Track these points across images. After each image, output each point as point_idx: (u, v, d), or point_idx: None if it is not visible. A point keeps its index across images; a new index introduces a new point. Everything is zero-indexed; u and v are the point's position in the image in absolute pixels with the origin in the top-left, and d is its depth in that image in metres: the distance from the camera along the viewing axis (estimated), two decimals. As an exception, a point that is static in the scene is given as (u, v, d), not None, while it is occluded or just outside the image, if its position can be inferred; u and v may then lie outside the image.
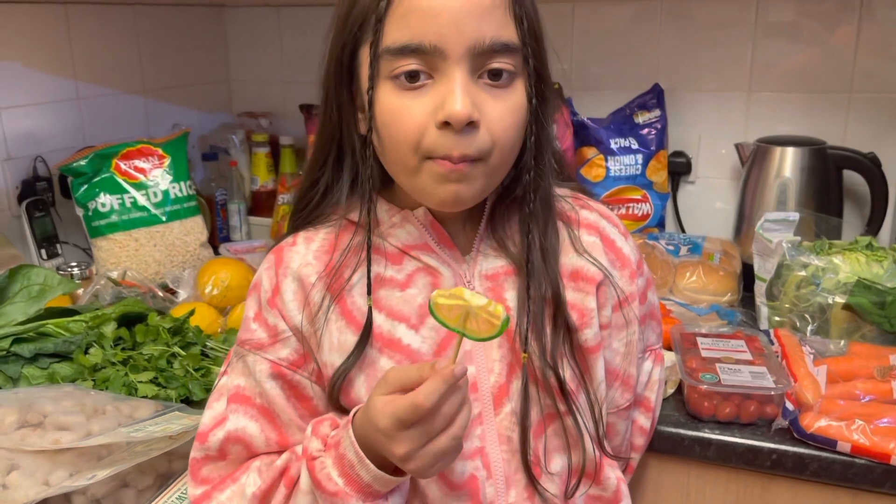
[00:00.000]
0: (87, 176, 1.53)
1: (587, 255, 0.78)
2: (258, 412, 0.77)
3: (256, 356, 0.77)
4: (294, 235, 0.80)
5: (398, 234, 0.77)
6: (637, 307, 0.81)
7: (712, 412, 1.07)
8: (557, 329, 0.75)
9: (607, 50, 1.71)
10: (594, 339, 0.78)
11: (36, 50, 1.55)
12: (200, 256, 1.64)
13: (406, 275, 0.76)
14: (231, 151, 1.93)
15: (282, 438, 0.77)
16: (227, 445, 0.77)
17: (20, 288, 1.16)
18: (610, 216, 0.84)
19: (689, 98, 1.67)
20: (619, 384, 0.83)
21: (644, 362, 0.87)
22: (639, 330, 0.82)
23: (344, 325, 0.75)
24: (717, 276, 1.38)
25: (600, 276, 0.78)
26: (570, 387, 0.75)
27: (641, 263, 0.85)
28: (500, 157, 0.69)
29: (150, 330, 1.16)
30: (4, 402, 0.92)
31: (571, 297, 0.77)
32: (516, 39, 0.67)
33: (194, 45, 1.98)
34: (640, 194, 1.65)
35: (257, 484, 0.74)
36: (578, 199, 0.84)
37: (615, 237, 0.82)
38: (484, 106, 0.67)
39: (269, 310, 0.77)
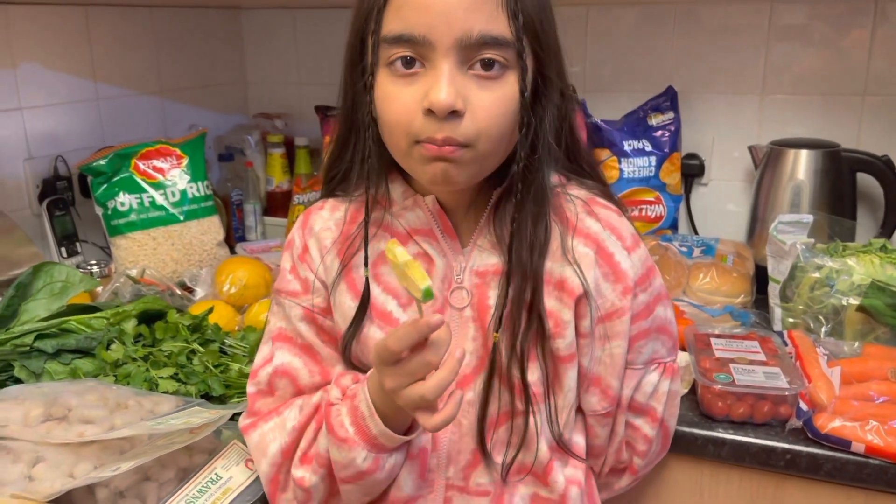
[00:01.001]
0: (106, 175, 1.55)
1: (576, 266, 0.79)
2: (300, 349, 0.85)
3: (292, 302, 0.86)
4: (324, 200, 0.89)
5: (408, 217, 0.83)
6: (626, 322, 0.81)
7: (726, 412, 1.08)
8: (530, 329, 0.78)
9: (621, 52, 1.72)
10: (567, 349, 0.80)
11: (56, 51, 1.57)
12: (217, 255, 1.65)
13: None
14: (247, 152, 1.95)
15: (323, 371, 0.85)
16: (274, 379, 0.85)
17: (43, 285, 1.18)
18: (616, 227, 0.83)
19: (702, 100, 1.68)
20: (598, 391, 0.84)
21: (648, 374, 0.87)
22: (626, 345, 0.82)
23: (345, 289, 0.83)
24: (730, 277, 1.38)
25: (581, 289, 0.79)
26: (535, 390, 0.79)
27: (646, 279, 0.84)
28: (488, 145, 0.71)
29: (170, 327, 1.18)
30: (30, 396, 0.93)
31: (550, 305, 0.79)
32: (508, 34, 0.69)
33: (211, 47, 2.00)
34: (654, 196, 1.66)
35: (297, 419, 0.81)
36: (592, 203, 0.84)
37: (615, 251, 0.81)
38: (471, 96, 0.70)
39: (301, 264, 0.86)
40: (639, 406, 0.88)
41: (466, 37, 0.68)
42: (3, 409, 0.90)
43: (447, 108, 0.68)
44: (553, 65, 0.74)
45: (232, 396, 1.10)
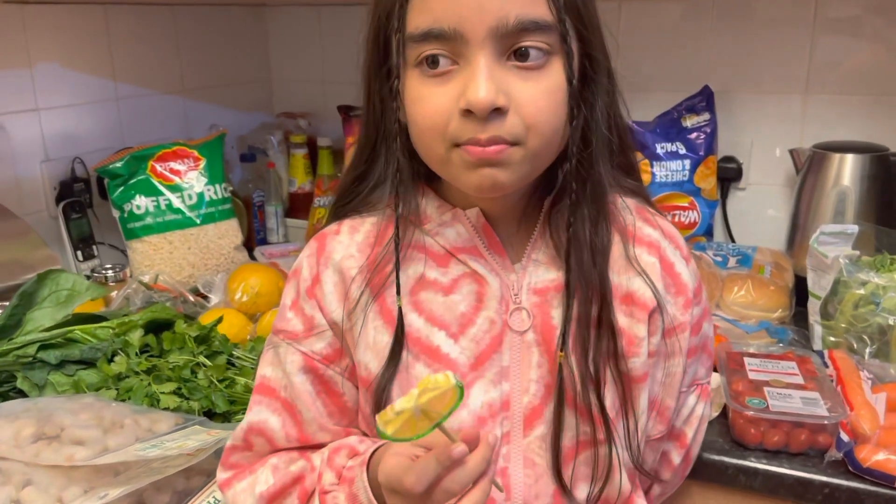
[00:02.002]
0: (122, 178, 1.52)
1: (645, 276, 0.72)
2: (281, 406, 0.75)
3: (289, 347, 0.75)
4: (339, 223, 0.77)
5: (447, 234, 0.73)
6: (686, 338, 0.75)
7: (759, 440, 1.01)
8: (601, 346, 0.70)
9: (655, 49, 1.63)
10: (641, 367, 0.72)
11: (75, 51, 1.55)
12: (234, 259, 1.62)
13: (451, 279, 0.73)
14: (269, 152, 1.91)
15: (302, 436, 0.75)
16: (249, 436, 0.76)
17: (49, 293, 1.16)
18: (674, 235, 0.77)
19: (741, 100, 1.59)
20: (656, 413, 0.77)
21: (688, 396, 0.80)
22: (685, 362, 0.75)
23: (381, 324, 0.72)
24: (767, 290, 1.30)
25: (654, 302, 0.71)
26: (611, 415, 0.71)
27: (700, 291, 0.78)
28: (540, 141, 0.63)
29: (177, 338, 1.15)
30: (24, 413, 0.91)
31: (621, 322, 0.71)
32: (549, 16, 0.62)
33: (234, 45, 1.96)
34: (687, 201, 1.58)
35: (268, 483, 0.73)
36: (642, 212, 0.77)
37: (675, 260, 0.75)
38: (513, 89, 0.62)
39: (307, 300, 0.75)
40: (672, 430, 0.80)
41: (503, 24, 0.60)
42: (-6, 428, 0.87)
43: (488, 107, 0.61)
44: (598, 44, 0.67)
45: (237, 413, 1.06)
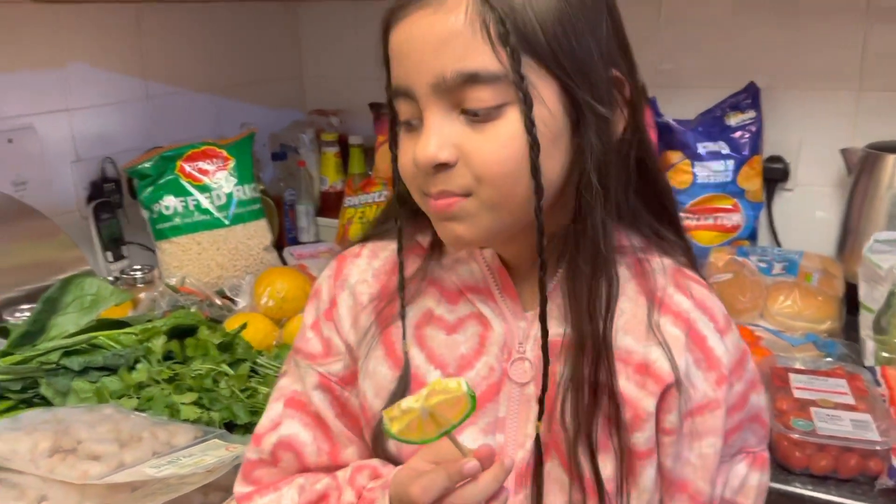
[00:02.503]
0: (151, 178, 1.51)
1: (665, 348, 0.66)
2: (312, 420, 0.74)
3: (308, 366, 0.74)
4: (362, 245, 0.76)
5: (460, 272, 0.71)
6: (720, 416, 0.67)
7: (805, 464, 0.95)
8: (597, 411, 0.65)
9: (697, 43, 1.56)
10: (646, 443, 0.66)
11: (106, 50, 1.54)
12: (263, 260, 1.60)
13: (457, 318, 0.70)
14: (300, 150, 1.89)
15: (333, 450, 0.74)
16: (278, 451, 0.74)
17: (73, 298, 1.15)
18: (710, 307, 0.69)
19: (788, 97, 1.51)
20: (686, 498, 0.69)
21: (736, 465, 0.73)
22: (719, 443, 0.68)
23: (382, 355, 0.71)
24: (814, 300, 1.23)
25: (671, 377, 0.65)
26: (608, 486, 0.66)
27: (741, 365, 0.70)
28: (494, 192, 0.60)
29: (200, 344, 1.13)
30: (42, 425, 0.89)
31: (629, 391, 0.65)
32: (494, 65, 0.57)
33: (266, 42, 1.94)
34: (731, 203, 1.51)
35: (294, 501, 0.70)
36: (681, 276, 0.70)
37: (708, 334, 0.67)
38: (464, 142, 0.59)
39: (326, 322, 0.74)
40: (724, 502, 0.73)
41: (440, 80, 0.58)
42: (11, 441, 0.86)
43: (428, 163, 0.59)
44: (588, 84, 0.59)
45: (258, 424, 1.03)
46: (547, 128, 0.59)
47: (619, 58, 0.62)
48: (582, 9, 0.59)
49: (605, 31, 0.61)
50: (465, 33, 0.57)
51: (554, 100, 0.59)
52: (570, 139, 0.61)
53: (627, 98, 0.63)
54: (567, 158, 0.61)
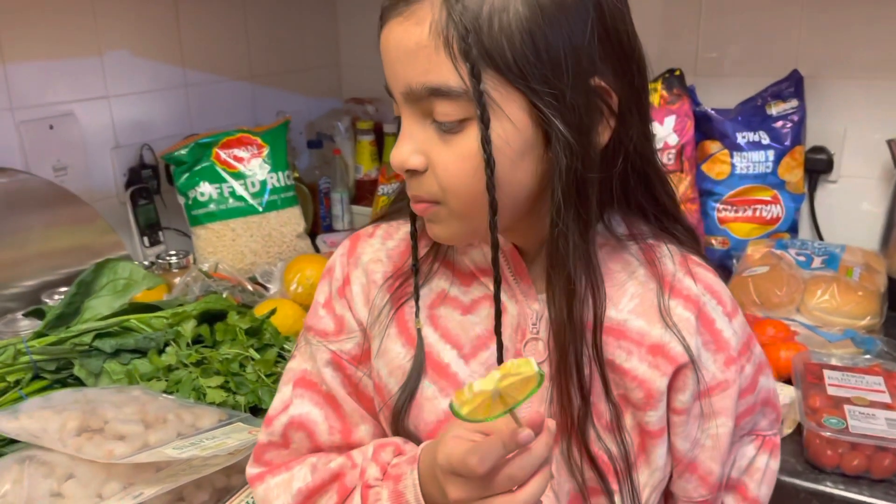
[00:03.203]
0: (187, 165, 1.53)
1: (675, 330, 0.66)
2: (323, 399, 0.74)
3: (319, 343, 0.74)
4: (376, 226, 0.76)
5: (473, 255, 0.71)
6: (731, 396, 0.68)
7: (837, 463, 0.92)
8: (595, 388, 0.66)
9: (738, 30, 1.52)
10: (658, 422, 0.67)
11: (145, 38, 1.56)
12: (296, 248, 1.61)
13: (471, 299, 0.70)
14: (336, 139, 1.90)
15: (345, 428, 0.73)
16: (289, 431, 0.74)
17: (107, 282, 1.17)
18: (717, 291, 0.70)
19: (833, 86, 1.46)
20: (696, 478, 0.70)
21: (744, 446, 0.74)
22: (732, 423, 0.69)
23: (395, 333, 0.71)
24: (854, 295, 1.19)
25: (684, 358, 0.66)
26: (619, 466, 0.67)
27: (748, 347, 0.71)
28: (460, 203, 0.60)
29: (229, 329, 1.14)
30: (72, 405, 0.91)
31: (642, 371, 0.66)
32: (454, 81, 0.56)
33: (304, 29, 1.95)
34: (770, 195, 1.47)
35: (306, 480, 0.70)
36: (689, 262, 0.70)
37: (716, 317, 0.69)
38: (433, 152, 0.60)
39: (339, 299, 0.74)
40: (730, 482, 0.74)
41: (409, 90, 0.58)
42: (42, 419, 0.88)
43: (399, 167, 0.61)
44: (557, 99, 0.56)
45: (283, 408, 1.04)
46: (510, 144, 0.58)
47: (606, 65, 0.59)
48: (558, 18, 0.55)
49: (587, 39, 0.57)
50: (430, 47, 0.56)
51: (520, 114, 0.57)
52: (543, 151, 0.59)
53: (614, 108, 0.60)
54: (541, 168, 0.60)
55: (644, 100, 0.63)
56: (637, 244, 0.69)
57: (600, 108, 0.59)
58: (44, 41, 1.39)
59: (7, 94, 1.34)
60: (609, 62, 0.59)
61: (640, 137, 0.63)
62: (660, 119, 1.47)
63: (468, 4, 0.55)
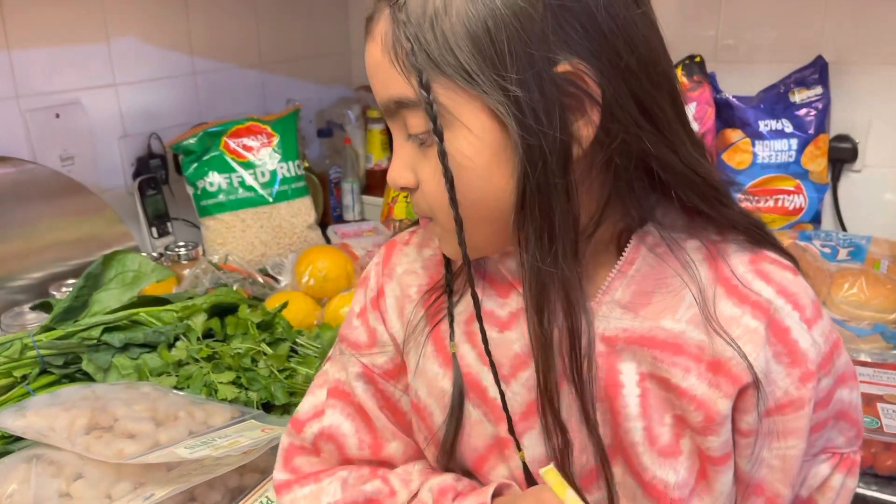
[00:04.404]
0: (196, 154, 1.50)
1: (738, 343, 0.58)
2: (355, 411, 0.71)
3: (352, 355, 0.72)
4: (412, 231, 0.73)
5: (509, 265, 0.65)
6: (806, 416, 0.60)
7: (870, 463, 0.89)
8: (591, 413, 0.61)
9: (761, 15, 1.48)
10: (721, 448, 0.59)
11: (153, 24, 1.53)
12: (307, 239, 1.59)
13: (509, 313, 0.65)
14: (346, 127, 1.86)
15: (376, 443, 0.71)
16: (319, 441, 0.72)
17: (115, 274, 1.14)
18: (793, 293, 0.60)
19: (859, 72, 1.42)
20: (762, 500, 0.63)
21: (818, 465, 0.66)
22: (803, 444, 0.61)
23: (431, 352, 0.67)
24: (883, 288, 1.16)
25: (750, 376, 0.58)
26: (676, 494, 0.60)
27: (830, 359, 0.61)
28: (447, 218, 0.57)
29: (241, 323, 1.11)
30: (81, 402, 0.89)
31: (702, 393, 0.59)
32: (409, 92, 0.54)
33: (314, 16, 1.92)
34: (793, 185, 1.43)
35: (336, 497, 0.68)
36: (760, 259, 0.62)
37: (792, 324, 0.59)
38: (419, 167, 0.59)
39: (372, 311, 0.71)
40: (800, 501, 0.67)
41: (382, 105, 0.58)
42: (50, 416, 0.85)
43: (394, 188, 0.61)
44: (511, 100, 0.52)
45: (296, 404, 1.01)
46: (473, 152, 0.54)
47: (577, 47, 0.51)
48: (501, 9, 0.51)
49: (540, 24, 0.50)
50: (385, 61, 0.55)
51: (481, 119, 0.53)
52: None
53: (595, 96, 0.52)
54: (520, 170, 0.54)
55: (645, 79, 0.53)
56: (699, 241, 0.61)
57: (574, 96, 0.53)
58: (49, 27, 1.36)
59: (12, 81, 1.32)
60: (580, 43, 0.52)
61: (636, 124, 0.54)
62: (679, 107, 1.43)
63: (411, 15, 0.53)
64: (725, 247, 0.62)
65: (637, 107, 0.54)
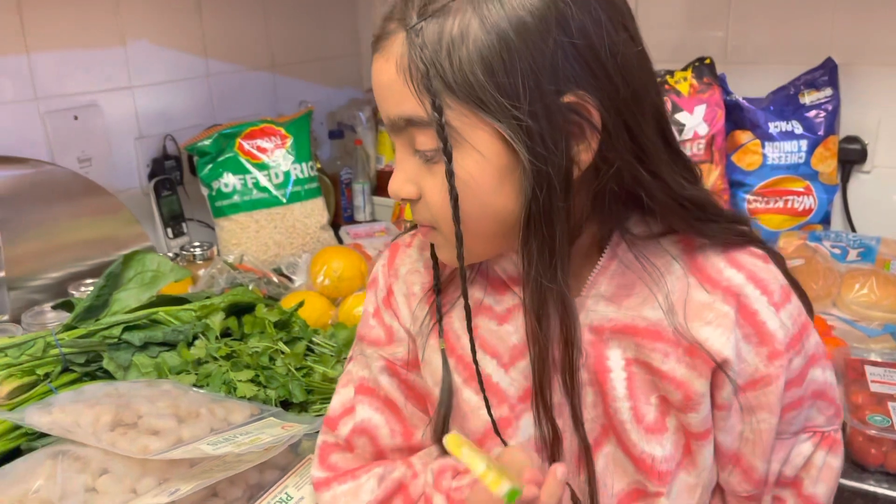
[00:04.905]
0: (210, 155, 1.52)
1: (711, 327, 0.64)
2: (382, 404, 0.76)
3: (374, 351, 0.76)
4: (413, 234, 0.77)
5: (504, 265, 0.70)
6: (776, 391, 0.65)
7: (881, 461, 0.90)
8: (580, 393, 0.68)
9: (771, 16, 1.49)
10: (701, 424, 0.66)
11: (167, 28, 1.55)
12: (320, 239, 1.60)
13: (505, 308, 0.71)
14: (357, 129, 1.88)
15: (406, 430, 0.76)
16: (353, 437, 0.76)
17: (134, 274, 1.16)
18: (763, 279, 0.66)
19: (868, 74, 1.43)
20: (740, 472, 0.69)
21: (800, 444, 0.71)
22: (775, 419, 0.67)
23: (435, 343, 0.72)
24: (893, 288, 1.17)
25: (721, 356, 0.64)
26: (663, 467, 0.66)
27: (799, 338, 0.67)
28: (450, 228, 0.61)
29: (258, 322, 1.13)
30: (105, 398, 0.90)
31: (681, 374, 0.65)
32: (421, 112, 0.58)
33: (324, 19, 1.93)
34: (803, 186, 1.44)
35: (374, 493, 0.73)
36: (732, 249, 0.67)
37: (759, 308, 0.65)
38: (422, 180, 0.62)
39: (385, 310, 0.76)
40: (786, 479, 0.71)
41: (390, 122, 0.61)
42: (75, 413, 0.87)
43: (395, 198, 0.64)
44: (519, 126, 0.56)
45: (314, 402, 1.03)
46: (480, 173, 0.58)
47: (581, 80, 0.56)
48: (516, 42, 0.54)
49: (549, 59, 0.55)
50: (399, 81, 0.58)
51: (488, 143, 0.57)
52: (522, 175, 0.58)
53: (595, 123, 0.57)
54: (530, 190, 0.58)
55: (637, 111, 0.58)
56: (676, 236, 0.67)
57: (577, 124, 0.57)
58: (68, 32, 1.38)
59: (32, 84, 1.34)
60: (584, 77, 0.56)
61: (629, 151, 0.59)
62: (689, 108, 1.44)
63: (427, 40, 0.56)
64: (700, 241, 0.67)
65: (628, 135, 0.59)
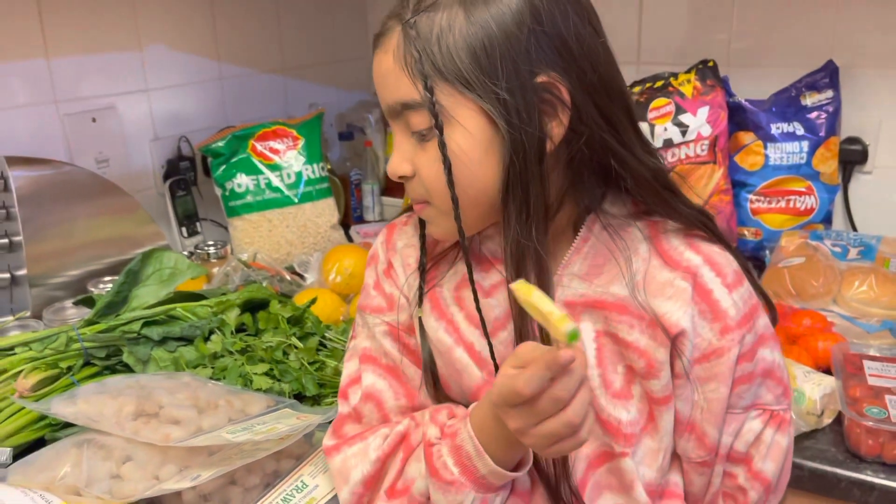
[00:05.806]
0: (224, 157, 1.56)
1: (671, 301, 0.72)
2: (385, 371, 0.82)
3: (375, 318, 0.83)
4: (409, 215, 0.85)
5: (488, 244, 0.79)
6: (727, 363, 0.72)
7: (877, 452, 0.93)
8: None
9: (773, 19, 1.52)
10: (662, 390, 0.73)
11: (181, 32, 1.59)
12: (331, 238, 1.64)
13: (490, 284, 0.78)
14: (366, 130, 1.91)
15: (409, 391, 0.82)
16: (360, 405, 0.82)
17: (153, 271, 1.19)
18: (718, 262, 0.74)
19: (868, 76, 1.46)
20: (694, 438, 0.75)
21: (749, 421, 0.76)
22: (726, 389, 0.73)
23: (429, 308, 0.80)
24: (892, 286, 1.19)
25: (678, 328, 0.71)
26: (628, 430, 0.73)
27: (750, 318, 0.74)
28: (444, 201, 0.69)
29: (272, 318, 1.16)
30: (127, 390, 0.94)
31: (644, 344, 0.72)
32: (415, 95, 0.66)
33: (334, 22, 1.97)
34: (804, 186, 1.47)
35: (381, 447, 0.77)
36: (693, 236, 0.75)
37: (714, 287, 0.72)
38: (417, 158, 0.70)
39: (386, 279, 0.84)
40: (737, 455, 0.77)
41: (388, 108, 0.70)
42: (98, 404, 0.90)
43: (393, 176, 0.72)
44: (500, 103, 0.65)
45: (326, 396, 1.06)
46: (467, 145, 0.66)
47: (552, 63, 0.65)
48: (495, 30, 0.64)
49: (524, 44, 0.64)
50: (396, 69, 0.67)
51: (473, 119, 0.66)
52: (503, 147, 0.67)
53: (566, 101, 0.66)
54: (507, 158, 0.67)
55: (604, 92, 0.67)
56: (643, 220, 0.75)
57: (549, 102, 0.66)
58: (86, 37, 1.41)
59: (51, 87, 1.37)
60: (555, 61, 0.65)
61: (598, 126, 0.67)
62: (693, 110, 1.47)
63: (420, 30, 0.65)
64: (665, 225, 0.75)
65: (598, 112, 0.67)
